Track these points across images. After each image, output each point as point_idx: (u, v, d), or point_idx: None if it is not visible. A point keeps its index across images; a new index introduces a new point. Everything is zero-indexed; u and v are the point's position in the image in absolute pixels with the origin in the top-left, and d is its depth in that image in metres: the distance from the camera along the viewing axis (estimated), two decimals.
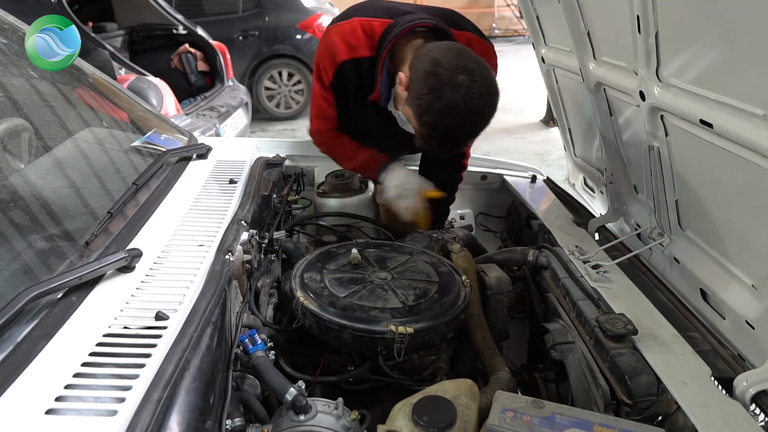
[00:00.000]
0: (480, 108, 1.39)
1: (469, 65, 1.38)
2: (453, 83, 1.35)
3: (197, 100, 4.75)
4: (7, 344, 0.86)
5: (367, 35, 1.60)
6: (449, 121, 1.38)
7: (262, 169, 1.88)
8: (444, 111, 1.36)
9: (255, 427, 1.03)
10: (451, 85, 1.35)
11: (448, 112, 1.36)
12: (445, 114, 1.37)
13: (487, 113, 1.43)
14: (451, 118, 1.37)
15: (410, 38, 1.56)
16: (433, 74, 1.37)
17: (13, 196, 1.24)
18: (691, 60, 1.21)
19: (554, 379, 1.34)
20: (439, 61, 1.38)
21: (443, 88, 1.35)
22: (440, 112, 1.37)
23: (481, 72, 1.39)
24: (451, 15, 1.71)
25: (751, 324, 1.22)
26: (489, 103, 1.41)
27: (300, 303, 1.27)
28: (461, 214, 2.26)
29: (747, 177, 1.14)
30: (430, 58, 1.40)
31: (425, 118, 1.40)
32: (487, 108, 1.41)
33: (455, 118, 1.37)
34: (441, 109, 1.36)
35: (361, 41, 1.60)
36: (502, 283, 1.52)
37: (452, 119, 1.38)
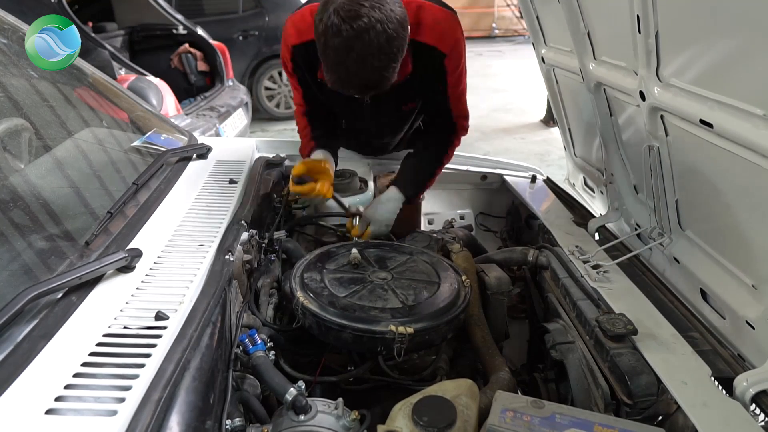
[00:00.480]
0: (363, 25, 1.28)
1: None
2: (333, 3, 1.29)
3: (197, 100, 4.75)
4: (7, 344, 0.86)
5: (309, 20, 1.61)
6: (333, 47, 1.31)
7: (262, 169, 1.88)
8: (326, 35, 1.31)
9: (255, 427, 1.03)
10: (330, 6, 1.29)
11: (329, 37, 1.30)
12: (327, 39, 1.31)
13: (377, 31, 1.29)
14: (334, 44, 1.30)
15: None
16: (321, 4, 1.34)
17: (13, 196, 1.24)
18: (691, 60, 1.21)
19: (554, 379, 1.34)
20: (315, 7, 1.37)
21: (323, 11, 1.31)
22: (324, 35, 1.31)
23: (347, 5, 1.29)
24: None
25: (751, 324, 1.22)
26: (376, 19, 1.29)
27: (300, 303, 1.27)
28: (461, 214, 2.26)
29: (747, 177, 1.14)
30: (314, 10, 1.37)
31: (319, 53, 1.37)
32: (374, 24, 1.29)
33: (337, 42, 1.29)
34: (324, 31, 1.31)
35: (308, 25, 1.55)
36: (502, 283, 1.52)
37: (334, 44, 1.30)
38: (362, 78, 1.38)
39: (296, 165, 1.72)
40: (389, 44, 1.33)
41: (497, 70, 10.26)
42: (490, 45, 13.27)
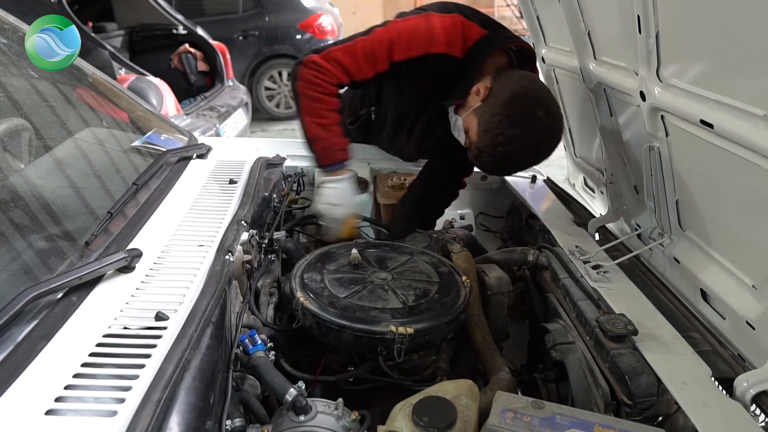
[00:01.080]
0: (546, 148, 1.45)
1: (551, 105, 1.43)
2: (533, 117, 1.39)
3: (197, 100, 4.75)
4: (7, 344, 0.86)
5: (463, 37, 1.57)
6: (514, 150, 1.41)
7: (262, 169, 1.87)
8: (513, 139, 1.39)
9: (255, 428, 1.03)
10: (531, 118, 1.39)
11: (517, 141, 1.40)
12: (513, 142, 1.40)
13: (549, 153, 1.48)
14: (518, 148, 1.41)
15: (496, 54, 1.56)
16: (517, 98, 1.41)
17: (13, 196, 1.24)
18: (692, 60, 1.21)
19: (554, 379, 1.34)
20: (526, 89, 1.43)
21: (524, 117, 1.39)
22: (511, 137, 1.40)
23: (557, 113, 1.44)
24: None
25: (751, 324, 1.22)
26: (553, 145, 1.47)
27: (300, 303, 1.27)
28: (461, 214, 2.26)
29: (747, 177, 1.14)
30: (519, 84, 1.44)
31: (491, 135, 1.42)
32: (551, 149, 1.47)
33: (521, 150, 1.41)
34: (514, 135, 1.39)
35: (457, 40, 1.56)
36: (502, 283, 1.52)
37: (518, 149, 1.41)
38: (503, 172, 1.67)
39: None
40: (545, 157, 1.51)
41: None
42: None
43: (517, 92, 1.42)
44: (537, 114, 1.40)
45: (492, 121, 1.42)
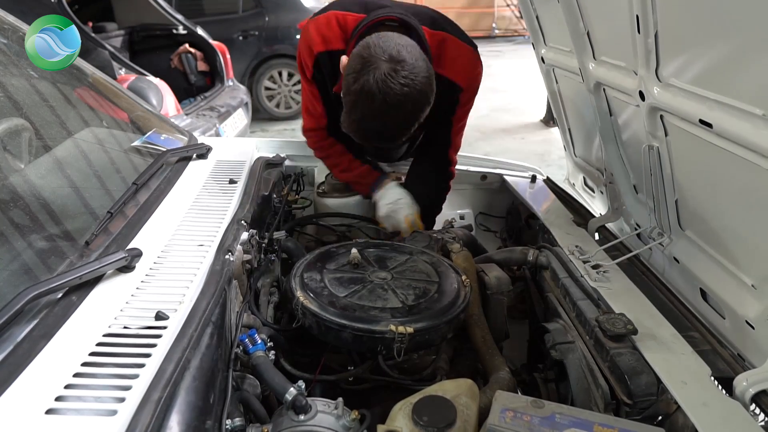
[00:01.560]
0: (398, 99, 1.29)
1: (398, 54, 1.29)
2: (374, 67, 1.28)
3: (197, 100, 4.75)
4: (7, 344, 0.86)
5: (342, 28, 1.60)
6: (364, 106, 1.31)
7: (262, 169, 1.88)
8: (359, 94, 1.30)
9: (255, 427, 1.03)
10: (371, 69, 1.28)
11: (362, 97, 1.30)
12: (359, 97, 1.30)
13: (407, 107, 1.32)
14: (366, 104, 1.30)
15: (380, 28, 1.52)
16: (359, 56, 1.32)
17: (13, 196, 1.24)
18: (691, 60, 1.21)
19: (554, 379, 1.34)
20: (370, 44, 1.32)
21: (363, 70, 1.29)
22: (356, 94, 1.31)
23: (410, 62, 1.29)
24: (429, 14, 1.67)
25: (751, 324, 1.22)
26: (410, 95, 1.30)
27: (300, 303, 1.27)
28: (461, 214, 2.26)
29: (747, 177, 1.14)
30: (365, 43, 1.34)
31: (345, 99, 1.35)
32: (407, 101, 1.30)
33: (369, 105, 1.30)
34: (356, 91, 1.30)
35: (335, 34, 1.60)
36: (502, 283, 1.52)
37: (366, 105, 1.31)
38: (380, 136, 1.43)
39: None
40: (415, 114, 1.36)
41: (497, 70, 10.26)
42: (490, 45, 13.27)
43: (360, 49, 1.34)
44: (379, 65, 1.28)
45: (343, 85, 1.36)
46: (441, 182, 1.99)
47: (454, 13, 14.23)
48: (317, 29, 1.63)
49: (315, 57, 1.64)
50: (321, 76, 1.69)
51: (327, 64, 1.65)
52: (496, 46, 13.11)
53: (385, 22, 1.55)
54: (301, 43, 1.68)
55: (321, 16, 1.65)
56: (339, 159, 1.86)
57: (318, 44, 1.62)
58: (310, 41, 1.64)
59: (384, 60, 1.29)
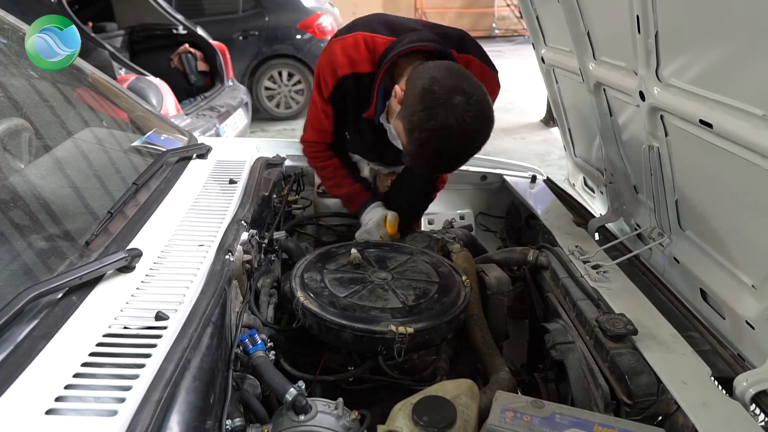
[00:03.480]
0: (473, 133, 1.34)
1: (467, 87, 1.33)
2: (448, 103, 1.30)
3: (197, 100, 4.74)
4: (7, 344, 0.86)
5: (370, 51, 1.57)
6: (440, 142, 1.33)
7: (262, 169, 1.88)
8: (436, 131, 1.31)
9: (255, 427, 1.03)
10: (446, 105, 1.30)
11: (440, 133, 1.31)
12: (436, 134, 1.32)
13: (479, 138, 1.37)
14: (443, 140, 1.33)
15: (411, 57, 1.53)
16: (428, 92, 1.32)
17: (13, 196, 1.24)
18: (691, 60, 1.21)
19: (554, 379, 1.34)
20: (437, 78, 1.34)
21: (438, 107, 1.30)
22: (432, 131, 1.32)
23: (477, 95, 1.33)
24: (456, 35, 1.67)
25: (751, 324, 1.22)
26: (482, 128, 1.36)
27: (300, 303, 1.27)
28: (461, 214, 2.26)
29: (747, 177, 1.14)
30: (428, 75, 1.35)
31: (416, 135, 1.35)
32: (479, 133, 1.36)
33: (446, 140, 1.33)
34: (433, 128, 1.31)
35: (363, 56, 1.57)
36: (502, 283, 1.52)
37: (443, 141, 1.33)
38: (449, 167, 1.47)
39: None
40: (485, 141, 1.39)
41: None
42: (490, 45, 13.26)
43: (427, 84, 1.34)
44: (453, 100, 1.30)
45: (412, 120, 1.35)
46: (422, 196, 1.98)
47: (454, 13, 14.23)
48: (344, 50, 1.59)
49: (339, 79, 1.60)
50: (341, 97, 1.66)
51: (352, 86, 1.62)
52: (496, 46, 13.10)
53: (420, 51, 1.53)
54: (324, 61, 1.64)
55: (348, 37, 1.60)
56: (333, 173, 1.85)
57: (344, 66, 1.58)
58: (335, 62, 1.60)
59: (456, 94, 1.31)
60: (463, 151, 1.38)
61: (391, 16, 1.70)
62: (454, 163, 1.43)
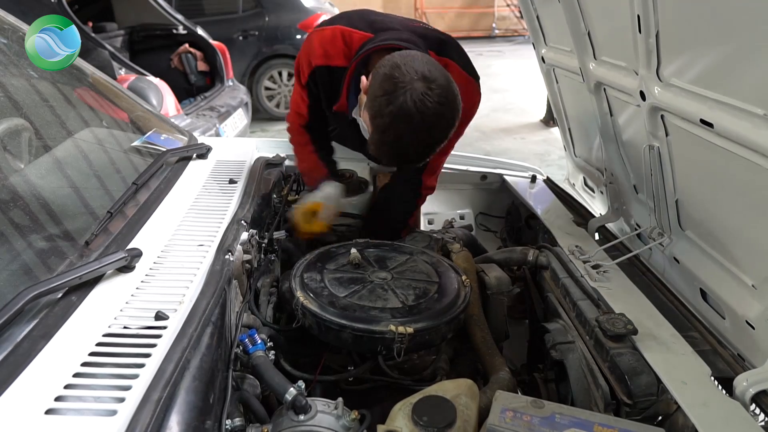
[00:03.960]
0: (433, 118, 1.29)
1: (429, 73, 1.29)
2: (408, 87, 1.27)
3: (197, 100, 4.74)
4: (7, 344, 0.86)
5: (346, 45, 1.58)
6: (400, 127, 1.30)
7: (262, 169, 1.88)
8: (395, 116, 1.28)
9: (255, 427, 1.03)
10: (406, 89, 1.27)
11: (399, 118, 1.28)
12: (396, 119, 1.29)
13: (442, 124, 1.32)
14: (402, 125, 1.29)
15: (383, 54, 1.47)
16: (389, 77, 1.30)
17: (13, 196, 1.24)
18: (692, 60, 1.21)
19: (554, 379, 1.34)
20: (398, 64, 1.31)
21: (397, 92, 1.27)
22: (391, 116, 1.28)
23: (441, 81, 1.30)
24: (436, 39, 1.64)
25: (751, 324, 1.22)
26: (445, 114, 1.31)
27: (300, 303, 1.27)
28: (461, 214, 2.27)
29: (747, 177, 1.14)
30: (391, 62, 1.33)
31: (377, 121, 1.32)
32: (442, 119, 1.31)
33: (406, 125, 1.29)
34: (392, 113, 1.28)
35: (338, 50, 1.59)
36: (502, 283, 1.52)
37: (403, 126, 1.29)
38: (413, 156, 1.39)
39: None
40: (447, 131, 1.35)
41: (497, 70, 10.26)
42: (490, 45, 13.27)
43: (389, 70, 1.31)
44: (413, 84, 1.26)
45: (373, 106, 1.32)
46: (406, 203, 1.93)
47: (454, 13, 14.23)
48: (321, 42, 1.61)
49: (312, 69, 1.63)
50: (315, 87, 1.69)
51: (325, 78, 1.64)
52: (496, 46, 13.10)
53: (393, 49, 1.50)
54: (303, 51, 1.67)
55: (327, 29, 1.62)
56: (303, 148, 1.86)
57: (318, 57, 1.61)
58: (311, 53, 1.62)
59: (417, 79, 1.28)
60: (425, 136, 1.32)
61: (376, 14, 1.71)
62: (417, 151, 1.37)
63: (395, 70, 1.30)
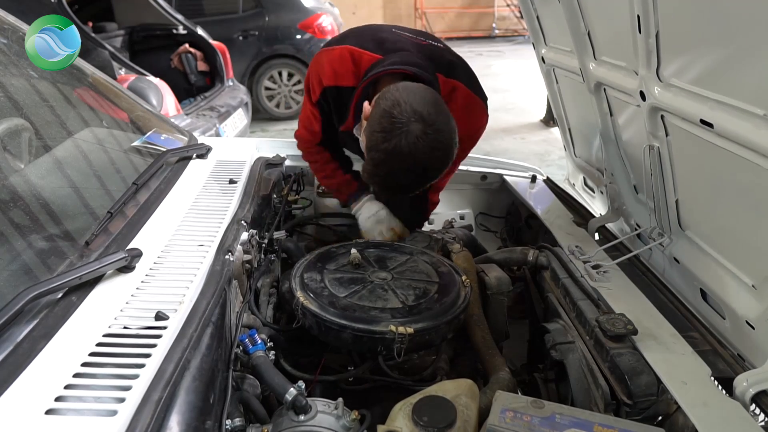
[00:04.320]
0: (426, 162, 1.33)
1: (428, 114, 1.31)
2: (404, 129, 1.30)
3: (197, 100, 4.75)
4: (7, 344, 0.86)
5: (355, 65, 1.60)
6: (392, 165, 1.34)
7: (262, 169, 1.88)
8: (389, 154, 1.32)
9: (255, 427, 1.03)
10: (402, 130, 1.29)
11: (392, 157, 1.32)
12: (389, 157, 1.32)
13: (433, 168, 1.37)
14: (395, 164, 1.33)
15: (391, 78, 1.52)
16: (388, 114, 1.32)
17: (13, 196, 1.24)
18: (692, 60, 1.21)
19: (554, 379, 1.34)
20: (399, 102, 1.33)
21: (394, 131, 1.30)
22: (385, 153, 1.32)
23: (438, 125, 1.31)
24: (447, 61, 1.66)
25: (751, 324, 1.22)
26: (437, 158, 1.35)
27: (300, 303, 1.27)
28: (461, 214, 2.26)
29: (747, 177, 1.14)
30: (393, 98, 1.35)
31: (371, 154, 1.36)
32: (434, 163, 1.35)
33: (399, 164, 1.33)
34: (386, 150, 1.32)
35: (347, 70, 1.60)
36: (502, 283, 1.52)
37: (396, 164, 1.33)
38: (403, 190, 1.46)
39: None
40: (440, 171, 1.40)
41: (497, 70, 10.27)
42: (490, 45, 13.27)
43: (389, 106, 1.34)
44: (410, 126, 1.29)
45: (370, 139, 1.36)
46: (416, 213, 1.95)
47: (454, 13, 14.24)
48: (330, 62, 1.62)
49: (323, 88, 1.64)
50: (327, 104, 1.70)
51: (335, 97, 1.65)
52: (496, 46, 13.10)
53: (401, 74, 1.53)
54: (312, 70, 1.68)
55: (336, 49, 1.63)
56: (324, 166, 1.87)
57: (328, 77, 1.62)
58: (321, 72, 1.63)
59: (414, 121, 1.30)
60: (414, 178, 1.38)
61: (387, 32, 1.70)
62: (408, 185, 1.42)
63: (395, 108, 1.32)
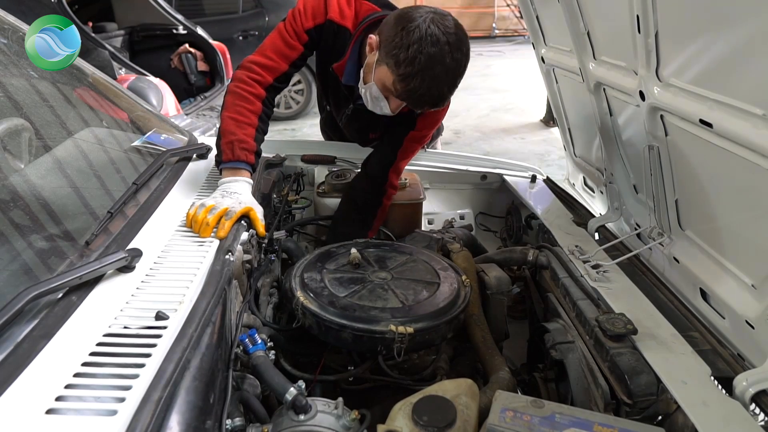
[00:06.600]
0: (456, 38, 1.36)
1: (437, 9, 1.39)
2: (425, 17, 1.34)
3: (197, 100, 4.76)
4: (7, 344, 0.86)
5: (356, 12, 1.62)
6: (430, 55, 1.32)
7: (262, 169, 1.88)
8: (422, 41, 1.31)
9: (255, 427, 1.03)
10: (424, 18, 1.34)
11: (426, 41, 1.31)
12: (424, 47, 1.31)
13: (464, 47, 1.39)
14: (431, 46, 1.32)
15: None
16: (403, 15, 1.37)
17: (13, 196, 1.24)
18: (691, 60, 1.21)
19: (554, 378, 1.34)
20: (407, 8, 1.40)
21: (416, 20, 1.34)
22: (418, 42, 1.31)
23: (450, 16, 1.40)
24: None
25: (751, 324, 1.22)
26: (463, 39, 1.39)
27: (300, 303, 1.27)
28: (461, 213, 2.27)
29: (747, 177, 1.14)
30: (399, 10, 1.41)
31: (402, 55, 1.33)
32: (463, 41, 1.38)
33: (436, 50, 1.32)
34: (419, 39, 1.31)
35: (351, 13, 1.62)
36: (502, 283, 1.52)
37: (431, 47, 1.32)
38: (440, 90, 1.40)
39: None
40: (467, 58, 1.42)
41: (497, 70, 10.26)
42: (490, 45, 13.27)
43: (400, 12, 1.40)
44: (429, 16, 1.35)
45: (394, 50, 1.34)
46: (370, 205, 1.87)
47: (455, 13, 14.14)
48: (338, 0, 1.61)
49: (325, 20, 1.60)
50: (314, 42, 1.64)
51: (330, 36, 1.62)
52: (496, 46, 13.10)
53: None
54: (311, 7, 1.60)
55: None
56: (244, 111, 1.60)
57: (334, 12, 1.59)
58: (328, 4, 1.59)
59: (429, 11, 1.37)
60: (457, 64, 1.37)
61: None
62: (450, 73, 1.39)
63: (405, 11, 1.39)
